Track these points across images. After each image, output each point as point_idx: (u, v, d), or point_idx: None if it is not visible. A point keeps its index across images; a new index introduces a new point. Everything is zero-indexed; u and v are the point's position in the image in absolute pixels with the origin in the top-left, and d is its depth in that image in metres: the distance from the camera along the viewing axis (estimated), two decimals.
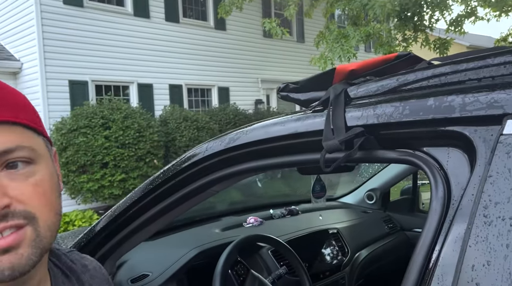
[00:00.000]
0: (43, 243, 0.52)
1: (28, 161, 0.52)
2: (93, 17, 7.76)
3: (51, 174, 0.56)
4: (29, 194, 0.51)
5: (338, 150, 0.70)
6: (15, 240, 0.49)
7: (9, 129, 0.51)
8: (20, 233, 0.50)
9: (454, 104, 0.60)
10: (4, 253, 0.48)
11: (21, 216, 0.50)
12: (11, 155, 0.50)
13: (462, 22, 6.82)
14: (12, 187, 0.50)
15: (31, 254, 0.50)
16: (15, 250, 0.49)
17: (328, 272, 1.66)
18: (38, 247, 0.51)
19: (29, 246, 0.50)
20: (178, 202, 1.07)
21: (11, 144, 0.50)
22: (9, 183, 0.50)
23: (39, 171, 0.53)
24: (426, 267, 0.57)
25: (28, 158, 0.52)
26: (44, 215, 0.52)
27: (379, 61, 0.91)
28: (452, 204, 0.58)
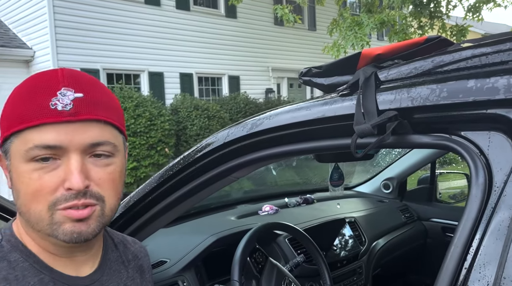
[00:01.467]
0: (105, 220, 0.65)
1: (108, 154, 0.64)
2: (104, 5, 7.75)
3: (122, 166, 0.68)
4: (104, 180, 0.63)
5: (370, 134, 0.67)
6: (88, 213, 0.61)
7: (103, 126, 0.63)
8: (92, 208, 0.62)
9: (497, 85, 0.56)
10: (78, 222, 0.61)
11: (94, 196, 0.62)
12: (99, 148, 0.62)
13: (480, 8, 6.64)
14: (94, 171, 0.62)
15: (95, 227, 0.63)
16: (86, 220, 0.61)
17: (346, 261, 1.64)
18: (101, 222, 0.64)
19: (96, 220, 0.62)
20: (198, 189, 1.05)
21: (102, 139, 0.62)
22: (92, 168, 0.62)
23: (115, 163, 0.65)
24: (465, 257, 0.55)
25: (110, 152, 0.64)
26: (111, 198, 0.65)
27: (408, 45, 0.87)
28: (494, 191, 0.55)
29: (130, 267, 0.79)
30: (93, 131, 0.61)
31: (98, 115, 0.62)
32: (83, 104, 0.61)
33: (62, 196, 0.59)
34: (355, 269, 1.67)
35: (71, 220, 0.60)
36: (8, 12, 8.21)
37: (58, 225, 0.60)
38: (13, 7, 8.05)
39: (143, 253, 0.86)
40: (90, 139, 0.61)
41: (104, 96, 0.65)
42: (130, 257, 0.81)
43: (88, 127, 0.61)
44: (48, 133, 0.59)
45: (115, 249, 0.79)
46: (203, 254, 1.36)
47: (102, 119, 0.62)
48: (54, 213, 0.60)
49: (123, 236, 0.86)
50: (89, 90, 0.63)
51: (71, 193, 0.59)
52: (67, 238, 0.60)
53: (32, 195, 0.59)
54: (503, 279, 0.48)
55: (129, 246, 0.84)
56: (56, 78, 0.62)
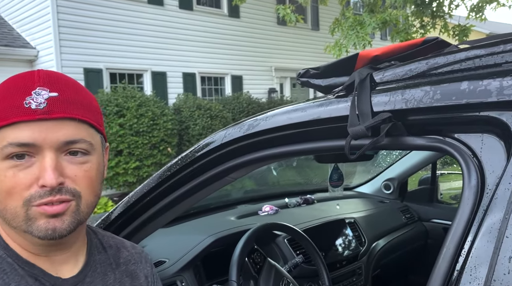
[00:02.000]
0: (80, 216, 0.65)
1: (84, 152, 0.65)
2: (107, 5, 7.77)
3: (99, 164, 0.68)
4: (80, 177, 0.64)
5: (364, 136, 0.67)
6: (63, 209, 0.62)
7: (77, 125, 0.63)
8: (67, 204, 0.63)
9: (490, 88, 0.57)
10: (52, 217, 0.62)
11: (70, 192, 0.63)
12: (74, 145, 0.63)
13: (483, 8, 6.60)
14: (69, 168, 0.63)
15: (70, 223, 0.63)
16: (60, 216, 0.62)
17: (345, 261, 1.64)
18: (76, 218, 0.64)
19: (70, 216, 0.63)
20: (196, 189, 1.06)
21: (77, 137, 0.63)
22: (67, 165, 0.63)
23: (91, 161, 0.66)
24: (457, 259, 0.55)
25: (86, 150, 0.65)
26: (87, 195, 0.65)
27: (405, 46, 0.87)
28: (487, 193, 0.55)
29: (119, 271, 0.77)
30: (67, 130, 0.62)
31: (72, 113, 0.63)
32: (58, 103, 0.62)
33: (36, 193, 0.60)
34: (354, 269, 1.67)
35: (45, 216, 0.61)
36: (12, 12, 8.25)
37: (32, 221, 0.61)
38: (17, 7, 8.09)
39: (140, 259, 0.84)
40: (64, 137, 0.62)
41: (80, 95, 0.66)
42: (121, 260, 0.79)
43: (62, 125, 0.62)
44: (22, 131, 0.60)
45: (103, 251, 0.78)
46: (202, 254, 1.36)
47: (76, 118, 0.63)
48: (29, 209, 0.60)
49: (121, 241, 0.85)
50: (64, 90, 0.64)
51: (45, 190, 0.60)
52: (41, 234, 0.61)
53: (7, 192, 0.60)
54: (493, 281, 0.49)
55: (123, 250, 0.82)
56: (32, 78, 0.63)
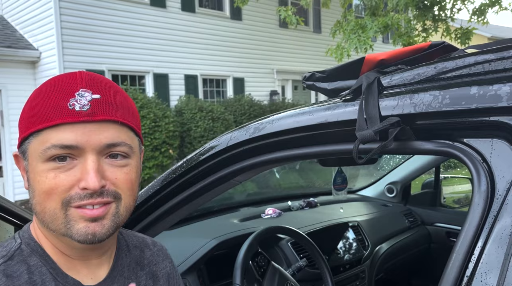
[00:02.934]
0: (120, 219, 0.65)
1: (125, 155, 0.65)
2: (110, 7, 7.79)
3: (138, 167, 0.69)
4: (121, 180, 0.64)
5: (372, 140, 0.67)
6: (103, 212, 0.62)
7: (119, 128, 0.64)
8: (107, 207, 0.62)
9: (500, 93, 0.56)
10: (92, 222, 0.61)
11: (111, 194, 0.62)
12: (115, 148, 0.63)
13: (485, 11, 6.61)
14: (110, 171, 0.63)
15: (109, 227, 0.63)
16: (100, 220, 0.62)
17: (348, 265, 1.64)
18: (115, 222, 0.64)
19: (110, 220, 0.63)
20: (201, 192, 1.05)
21: (118, 140, 0.63)
22: (108, 168, 0.63)
23: (131, 164, 0.66)
24: (467, 264, 0.55)
25: (126, 153, 0.65)
26: (127, 197, 0.65)
27: (411, 50, 0.87)
28: (497, 198, 0.55)
29: (144, 273, 0.77)
30: (110, 132, 0.62)
31: (114, 116, 0.63)
32: (100, 105, 0.61)
33: (76, 194, 0.60)
34: (358, 273, 1.66)
35: (85, 219, 0.60)
36: (15, 13, 8.28)
37: (72, 224, 0.60)
38: (19, 8, 8.12)
39: (161, 257, 0.84)
40: (107, 140, 0.61)
41: (121, 98, 0.66)
42: (145, 262, 0.79)
43: (104, 128, 0.61)
44: (66, 133, 0.59)
45: (128, 253, 0.77)
46: (206, 257, 1.36)
47: (118, 121, 0.63)
48: (68, 210, 0.60)
49: (143, 238, 0.85)
50: (106, 92, 0.63)
51: (86, 192, 0.60)
52: (81, 238, 0.60)
53: (46, 193, 0.60)
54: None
55: (146, 250, 0.81)
56: (75, 79, 0.63)
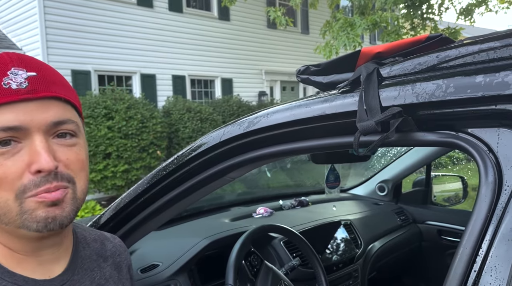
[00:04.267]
0: (78, 203, 0.61)
1: (73, 134, 0.60)
2: (96, 6, 7.68)
3: (86, 146, 0.65)
4: (73, 161, 0.60)
5: (374, 131, 0.64)
6: (62, 195, 0.57)
7: (63, 105, 0.59)
8: (65, 190, 0.58)
9: (508, 80, 0.54)
10: (52, 206, 0.56)
11: (66, 178, 0.58)
12: (62, 126, 0.59)
13: (472, 11, 6.72)
14: (60, 151, 0.58)
15: (70, 211, 0.59)
16: (60, 204, 0.57)
17: (341, 264, 1.62)
18: (75, 205, 0.60)
19: (70, 203, 0.59)
20: (192, 189, 1.02)
21: (65, 117, 0.59)
22: (58, 148, 0.58)
23: (80, 143, 0.62)
24: (474, 259, 0.52)
25: (73, 131, 0.60)
26: (81, 180, 0.61)
27: (408, 43, 0.85)
28: (505, 190, 0.53)
29: (107, 264, 0.74)
30: (54, 110, 0.57)
31: (57, 92, 0.58)
32: (39, 82, 0.57)
33: (30, 182, 0.55)
34: (351, 272, 1.64)
35: (44, 205, 0.55)
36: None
37: (29, 213, 0.55)
38: (3, 8, 7.95)
39: (122, 248, 0.82)
40: (52, 118, 0.57)
41: (58, 76, 0.62)
42: (108, 253, 0.76)
43: (48, 105, 0.57)
44: (6, 114, 0.54)
45: (87, 246, 0.73)
46: (197, 257, 1.32)
47: (62, 97, 0.59)
48: (24, 201, 0.55)
49: (101, 233, 0.82)
50: (41, 69, 0.59)
51: (40, 176, 0.55)
52: (40, 225, 0.55)
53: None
54: None
55: (107, 242, 0.79)
56: (3, 59, 0.57)
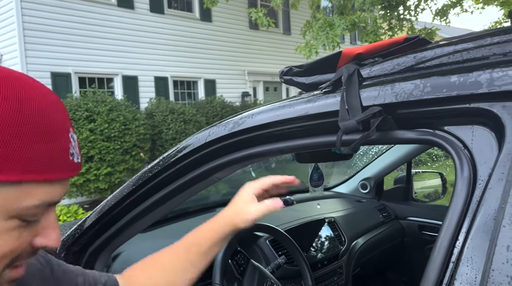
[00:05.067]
0: None
1: None
2: (75, 7, 7.56)
3: None
4: None
5: (355, 130, 0.67)
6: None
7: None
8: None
9: (480, 79, 0.57)
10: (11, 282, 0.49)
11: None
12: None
13: (447, 12, 6.91)
14: None
15: None
16: None
17: (326, 261, 1.64)
18: None
19: None
20: (178, 191, 1.03)
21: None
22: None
23: None
24: (452, 250, 0.55)
25: None
26: None
27: (387, 44, 0.88)
28: (479, 184, 0.55)
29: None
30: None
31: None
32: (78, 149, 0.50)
33: (25, 252, 0.48)
34: (335, 269, 1.67)
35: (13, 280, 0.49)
36: None
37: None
38: None
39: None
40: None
41: None
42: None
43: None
44: (58, 188, 0.47)
45: None
46: None
47: None
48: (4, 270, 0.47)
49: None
50: None
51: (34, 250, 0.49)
52: None
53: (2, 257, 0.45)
54: (491, 271, 0.49)
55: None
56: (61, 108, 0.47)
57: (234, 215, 0.81)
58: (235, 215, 0.81)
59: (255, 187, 0.82)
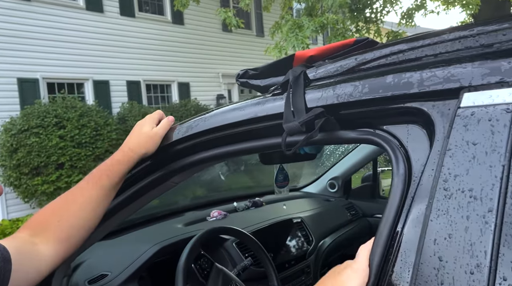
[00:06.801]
0: None
1: None
2: (42, 11, 7.37)
3: None
4: None
5: (299, 131, 0.68)
6: None
7: None
8: None
9: (412, 80, 0.59)
10: None
11: None
12: None
13: (413, 15, 7.10)
14: None
15: None
16: None
17: (294, 261, 1.66)
18: None
19: None
20: (135, 196, 1.01)
21: None
22: None
23: None
24: (390, 245, 0.57)
25: None
26: None
27: (338, 46, 0.90)
28: (413, 180, 0.57)
29: None
30: None
31: None
32: None
33: None
34: (303, 268, 1.68)
35: None
36: None
37: None
38: None
39: None
40: None
41: None
42: None
43: None
44: None
45: None
46: (147, 264, 1.31)
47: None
48: None
49: None
50: None
51: None
52: None
53: None
54: (420, 264, 0.50)
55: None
56: None
57: (143, 143, 0.89)
58: (144, 143, 0.88)
59: (152, 118, 0.93)
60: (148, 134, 0.89)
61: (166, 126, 0.92)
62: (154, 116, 0.94)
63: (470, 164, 0.50)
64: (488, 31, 0.58)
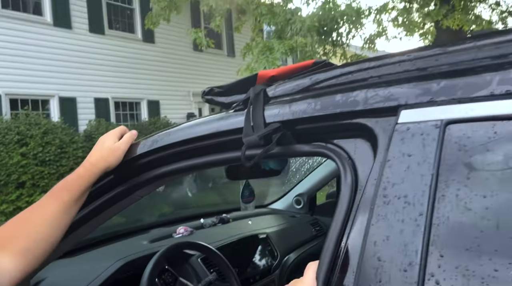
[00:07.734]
0: None
1: None
2: (7, 27, 7.21)
3: None
4: None
5: (257, 145, 0.73)
6: None
7: None
8: None
9: (358, 98, 0.65)
10: None
11: None
12: None
13: (374, 41, 7.53)
14: None
15: None
16: None
17: (258, 276, 1.68)
18: None
19: None
20: (101, 209, 1.02)
21: None
22: None
23: None
24: (337, 250, 0.61)
25: None
26: None
27: (298, 67, 0.97)
28: (359, 189, 0.63)
29: None
30: None
31: None
32: None
33: None
34: (267, 283, 1.71)
35: None
36: None
37: None
38: None
39: None
40: None
41: None
42: None
43: None
44: None
45: None
46: (110, 280, 1.30)
47: None
48: None
49: None
50: None
51: None
52: None
53: None
54: (362, 265, 0.55)
55: None
56: None
57: (105, 157, 0.90)
58: (106, 156, 0.90)
59: (115, 133, 0.94)
60: (110, 148, 0.91)
61: (128, 141, 0.93)
62: (116, 131, 0.95)
63: (405, 173, 0.56)
64: (423, 56, 0.65)
